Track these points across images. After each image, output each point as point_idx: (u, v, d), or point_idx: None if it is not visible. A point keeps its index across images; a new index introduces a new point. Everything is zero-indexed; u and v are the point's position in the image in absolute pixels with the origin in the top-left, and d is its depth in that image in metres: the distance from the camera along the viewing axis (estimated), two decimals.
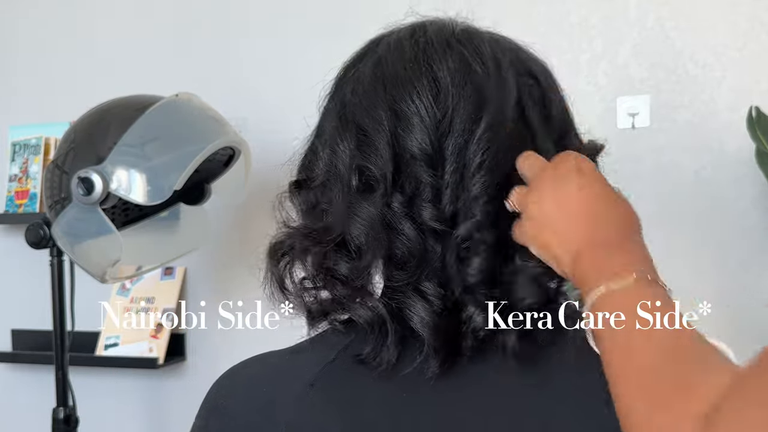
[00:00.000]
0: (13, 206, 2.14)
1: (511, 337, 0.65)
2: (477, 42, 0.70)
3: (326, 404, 0.66)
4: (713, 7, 1.69)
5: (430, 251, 0.66)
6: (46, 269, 1.75)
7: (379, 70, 0.70)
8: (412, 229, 0.65)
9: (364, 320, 0.66)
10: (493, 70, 0.68)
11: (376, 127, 0.67)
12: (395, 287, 0.66)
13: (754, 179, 1.64)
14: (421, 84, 0.67)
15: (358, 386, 0.66)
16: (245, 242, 2.01)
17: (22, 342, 2.24)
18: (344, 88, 0.72)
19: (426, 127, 0.66)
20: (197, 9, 2.10)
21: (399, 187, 0.66)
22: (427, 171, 0.66)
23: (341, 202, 0.68)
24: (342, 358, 0.68)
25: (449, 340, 0.65)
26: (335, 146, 0.69)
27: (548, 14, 1.80)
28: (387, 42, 0.72)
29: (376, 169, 0.66)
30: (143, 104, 1.50)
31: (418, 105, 0.67)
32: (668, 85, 1.71)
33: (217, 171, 1.69)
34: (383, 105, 0.68)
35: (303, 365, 0.68)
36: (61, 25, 2.23)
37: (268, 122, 1.95)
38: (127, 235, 1.62)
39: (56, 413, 1.74)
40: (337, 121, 0.70)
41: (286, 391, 0.67)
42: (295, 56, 1.98)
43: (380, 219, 0.66)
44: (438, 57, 0.69)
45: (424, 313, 0.65)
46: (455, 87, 0.67)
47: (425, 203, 0.66)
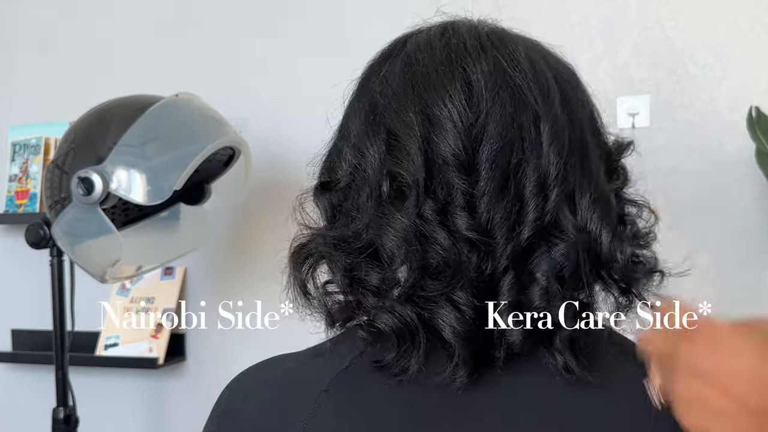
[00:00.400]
0: (13, 206, 2.14)
1: (559, 355, 0.64)
2: (511, 46, 0.68)
3: (343, 410, 0.65)
4: (713, 7, 1.69)
5: (465, 261, 0.63)
6: (46, 269, 1.75)
7: (409, 70, 0.68)
8: (446, 238, 0.63)
9: (392, 329, 0.64)
10: (531, 75, 0.67)
11: (408, 131, 0.65)
12: (427, 296, 0.64)
13: (754, 179, 1.64)
14: (454, 87, 0.66)
15: (378, 393, 0.65)
16: (245, 242, 2.01)
17: (22, 342, 2.24)
18: (371, 88, 0.70)
19: (459, 132, 0.64)
20: (197, 9, 2.09)
21: (432, 193, 0.64)
22: (460, 177, 0.64)
23: (371, 209, 0.66)
24: (360, 363, 0.66)
25: (480, 350, 0.64)
26: (364, 150, 0.67)
27: (548, 14, 1.80)
28: (416, 41, 0.70)
29: (408, 175, 0.64)
30: (143, 104, 1.50)
31: (450, 109, 0.65)
32: (668, 85, 1.71)
33: (217, 171, 1.70)
34: (414, 108, 0.66)
35: (322, 369, 0.67)
36: (61, 25, 2.23)
37: (268, 122, 1.95)
38: (127, 235, 1.62)
39: (56, 413, 1.74)
40: (366, 123, 0.68)
41: (304, 395, 0.66)
42: (295, 56, 1.97)
43: (414, 228, 0.64)
44: (471, 60, 0.67)
45: (456, 323, 0.63)
46: (489, 91, 0.65)
47: (460, 211, 0.64)
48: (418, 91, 0.66)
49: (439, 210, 0.64)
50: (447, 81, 0.66)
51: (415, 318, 0.64)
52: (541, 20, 1.79)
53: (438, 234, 0.63)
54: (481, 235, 0.63)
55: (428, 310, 0.64)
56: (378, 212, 0.65)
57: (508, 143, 0.64)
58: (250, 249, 1.98)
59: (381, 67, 0.71)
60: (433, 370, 0.64)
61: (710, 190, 1.69)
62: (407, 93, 0.67)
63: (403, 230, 0.64)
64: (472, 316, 0.63)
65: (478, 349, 0.63)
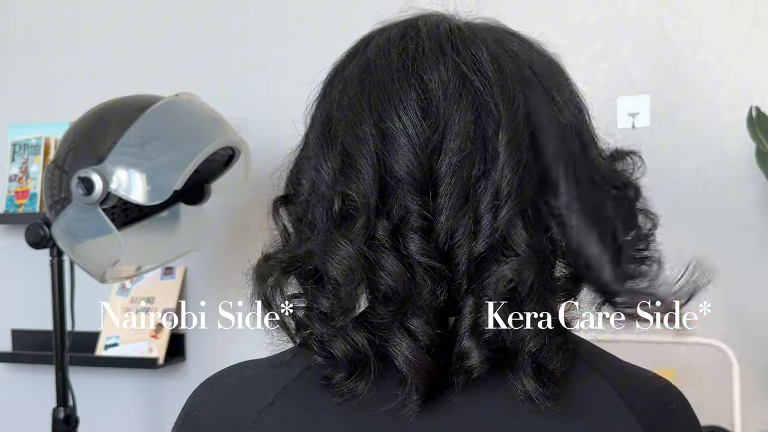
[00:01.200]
0: (13, 206, 2.14)
1: (522, 378, 0.60)
2: (474, 47, 0.63)
3: (284, 425, 0.63)
4: (713, 7, 1.69)
5: (421, 285, 0.59)
6: (46, 269, 1.75)
7: (366, 78, 0.64)
8: (395, 263, 0.59)
9: (344, 355, 0.61)
10: (496, 79, 0.62)
11: (360, 147, 0.61)
12: (379, 323, 0.60)
13: (754, 179, 1.64)
14: (409, 97, 0.61)
15: (323, 410, 0.62)
16: (245, 242, 2.01)
17: (22, 342, 2.24)
18: (331, 95, 0.66)
19: (414, 146, 0.60)
20: (197, 9, 2.09)
21: (385, 215, 0.60)
22: (414, 197, 0.60)
23: (322, 230, 0.62)
24: (309, 376, 0.64)
25: (436, 377, 0.60)
26: (319, 166, 0.64)
27: (548, 14, 1.80)
28: (377, 43, 0.66)
29: (358, 197, 0.60)
30: (143, 104, 1.50)
31: (405, 122, 0.61)
32: (668, 85, 1.71)
33: (217, 171, 1.70)
34: (368, 122, 0.62)
35: (273, 380, 0.65)
36: (62, 25, 2.23)
37: (268, 122, 1.95)
38: (127, 235, 1.62)
39: (56, 413, 1.74)
40: (322, 137, 0.65)
41: (252, 406, 0.64)
42: (296, 56, 1.97)
43: (359, 255, 0.59)
44: (429, 65, 0.62)
45: (408, 352, 0.59)
46: (447, 100, 0.61)
47: (412, 233, 0.60)
48: (373, 103, 0.62)
49: (391, 232, 0.60)
50: (402, 91, 0.62)
51: (366, 345, 0.60)
52: (542, 20, 1.79)
53: (386, 260, 0.59)
54: (434, 260, 0.59)
55: (380, 337, 0.61)
56: (325, 236, 0.62)
57: (468, 156, 0.60)
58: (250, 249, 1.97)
59: (343, 70, 0.67)
60: (385, 393, 0.61)
61: (710, 190, 1.69)
62: (362, 104, 0.63)
63: (347, 258, 0.60)
64: (428, 343, 0.60)
65: (434, 376, 0.60)
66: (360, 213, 0.60)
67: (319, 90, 0.69)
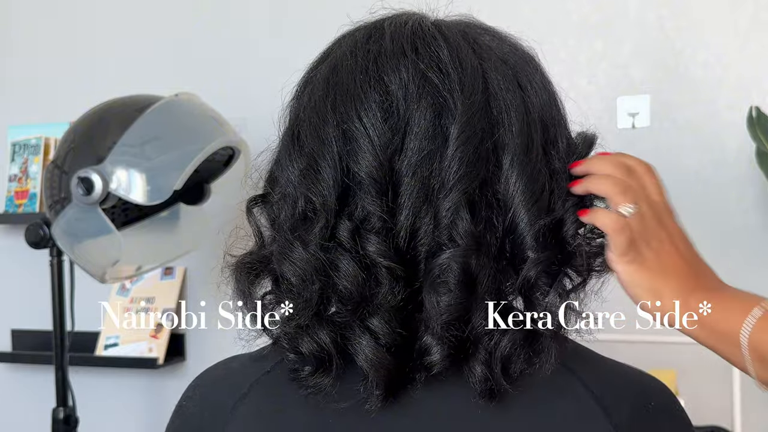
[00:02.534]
0: (13, 206, 2.14)
1: (477, 370, 0.61)
2: (436, 46, 0.64)
3: (255, 414, 0.65)
4: (713, 7, 1.69)
5: (376, 286, 0.60)
6: (46, 269, 1.75)
7: (331, 79, 0.65)
8: (351, 265, 0.60)
9: (310, 352, 0.63)
10: (455, 77, 0.62)
11: (322, 149, 0.62)
12: (341, 322, 0.62)
13: (754, 179, 1.64)
14: (371, 98, 0.62)
15: (288, 401, 0.65)
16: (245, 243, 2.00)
17: (22, 342, 2.24)
18: (302, 97, 0.68)
19: (375, 148, 0.61)
20: (197, 9, 2.10)
21: (347, 215, 0.61)
22: (374, 198, 0.60)
23: (285, 231, 0.64)
24: (282, 368, 0.66)
25: (396, 375, 0.61)
26: (286, 167, 0.65)
27: (548, 14, 1.80)
28: (346, 44, 0.68)
29: (317, 198, 0.61)
30: (143, 104, 1.50)
31: (366, 124, 0.61)
32: (668, 85, 1.71)
33: (217, 171, 1.70)
34: (331, 123, 0.63)
35: (251, 372, 0.68)
36: (61, 25, 2.23)
37: (268, 122, 1.95)
38: (127, 235, 1.62)
39: (56, 413, 1.74)
40: (288, 138, 0.67)
41: (230, 395, 0.66)
42: (296, 56, 1.97)
43: (313, 258, 0.61)
44: (390, 67, 0.63)
45: (369, 351, 0.60)
46: (408, 100, 0.62)
47: (371, 234, 0.60)
48: (337, 105, 0.63)
49: (351, 233, 0.61)
50: (363, 93, 0.63)
51: (329, 343, 0.62)
52: (542, 20, 1.79)
53: (341, 262, 0.61)
54: (391, 260, 0.60)
55: (342, 336, 0.62)
56: (282, 238, 0.63)
57: (428, 155, 0.61)
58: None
59: (313, 72, 0.69)
60: (349, 388, 0.62)
61: (710, 190, 1.69)
62: (326, 106, 0.64)
63: (300, 260, 0.61)
64: (388, 342, 0.61)
65: (394, 373, 0.61)
66: (319, 215, 0.61)
67: (293, 92, 0.71)
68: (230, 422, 0.65)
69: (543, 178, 0.63)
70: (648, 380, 0.66)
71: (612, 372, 0.66)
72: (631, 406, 0.63)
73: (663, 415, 0.65)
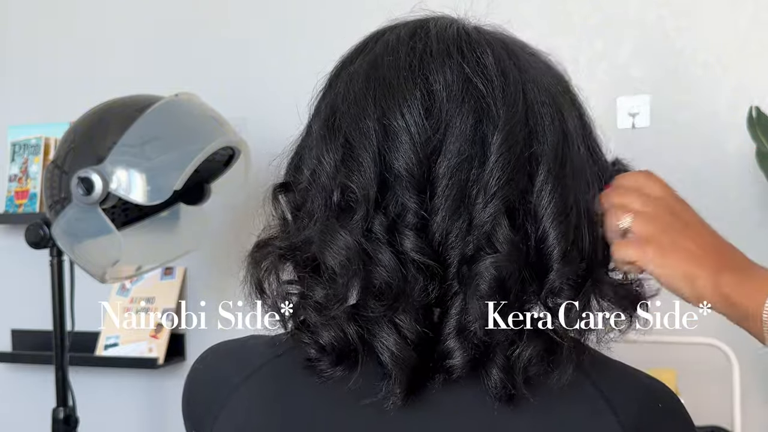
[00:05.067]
0: (13, 206, 2.14)
1: (494, 374, 0.61)
2: (480, 51, 0.65)
3: (259, 393, 0.66)
4: (713, 7, 1.69)
5: (411, 282, 0.61)
6: (46, 269, 1.75)
7: (372, 74, 0.65)
8: (391, 259, 0.61)
9: (332, 345, 0.62)
10: (498, 85, 0.63)
11: (363, 141, 0.63)
12: (370, 317, 0.62)
13: (754, 179, 1.64)
14: (414, 97, 0.63)
15: (298, 387, 0.66)
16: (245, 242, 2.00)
17: (22, 342, 2.24)
18: (337, 87, 0.68)
19: (415, 145, 0.62)
20: (197, 9, 2.09)
21: (382, 209, 0.62)
22: (412, 194, 0.61)
23: (320, 219, 0.63)
24: (293, 356, 0.66)
25: (418, 374, 0.62)
26: (321, 156, 0.65)
27: (548, 14, 1.80)
28: (386, 41, 0.67)
29: (359, 189, 0.62)
30: (143, 104, 1.50)
31: (408, 120, 0.62)
32: (668, 85, 1.71)
33: (217, 171, 1.70)
34: (372, 116, 0.63)
35: (265, 351, 0.69)
36: (61, 25, 2.23)
37: (268, 122, 1.95)
38: (127, 235, 1.62)
39: (56, 413, 1.74)
40: (325, 127, 0.66)
41: (242, 369, 0.68)
42: (296, 56, 1.97)
43: (357, 247, 0.61)
44: (435, 67, 0.64)
45: (395, 348, 0.61)
46: (450, 102, 0.62)
47: (408, 230, 0.61)
48: (378, 99, 0.64)
49: (387, 228, 0.61)
50: (407, 90, 0.63)
51: (356, 337, 0.62)
52: (541, 20, 1.79)
53: (383, 254, 0.61)
54: (428, 258, 0.61)
55: (369, 331, 0.62)
56: (324, 225, 0.63)
57: (467, 159, 0.62)
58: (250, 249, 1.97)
59: (351, 64, 0.68)
60: (368, 384, 0.62)
61: (710, 190, 1.69)
62: (367, 99, 0.64)
63: (345, 248, 0.61)
64: (414, 340, 0.61)
65: (417, 373, 0.62)
66: (359, 205, 0.62)
67: (325, 82, 0.71)
68: (233, 398, 0.66)
69: (573, 192, 0.64)
70: (655, 383, 0.68)
71: (621, 374, 0.67)
72: (638, 406, 0.64)
73: (669, 416, 0.66)
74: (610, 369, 0.67)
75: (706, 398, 1.59)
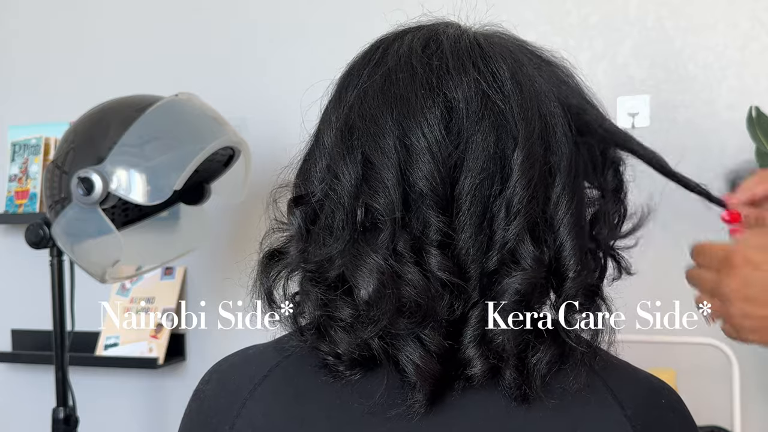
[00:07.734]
0: (13, 206, 2.14)
1: (508, 376, 0.63)
2: (495, 65, 0.65)
3: (273, 396, 0.66)
4: (713, 7, 1.69)
5: (437, 299, 0.62)
6: (46, 269, 1.75)
7: (388, 90, 0.65)
8: (421, 278, 0.61)
9: (349, 353, 0.63)
10: (515, 99, 0.64)
11: (384, 161, 0.63)
12: (395, 333, 0.63)
13: None
14: (434, 114, 0.63)
15: (311, 387, 0.66)
16: (245, 242, 2.01)
17: (22, 342, 2.24)
18: (349, 100, 0.67)
19: (437, 163, 0.62)
20: (197, 9, 2.09)
21: (407, 227, 0.62)
22: (436, 212, 0.62)
23: (345, 237, 0.64)
24: (300, 356, 0.67)
25: (440, 383, 0.63)
26: (339, 172, 0.65)
27: (548, 14, 1.80)
28: (398, 53, 0.67)
29: (385, 210, 0.62)
30: (143, 104, 1.50)
31: (429, 139, 0.62)
32: (668, 85, 1.71)
33: (217, 171, 1.70)
34: (392, 135, 0.63)
35: (269, 357, 0.69)
36: (61, 25, 2.23)
37: (268, 122, 1.95)
38: (127, 235, 1.62)
39: (56, 413, 1.74)
40: (341, 143, 0.65)
41: (248, 380, 0.68)
42: (296, 56, 1.97)
43: (389, 270, 0.61)
44: (453, 83, 0.64)
45: (420, 362, 0.62)
46: (470, 118, 0.63)
47: (433, 248, 0.62)
48: (397, 117, 0.64)
49: (412, 246, 0.62)
50: (427, 108, 0.63)
51: (380, 351, 0.63)
52: (541, 20, 1.79)
53: (412, 274, 0.61)
54: (453, 275, 0.61)
55: (394, 346, 0.63)
56: (350, 244, 0.63)
57: (489, 176, 0.63)
58: (250, 249, 1.97)
59: (360, 74, 0.68)
60: (390, 393, 0.63)
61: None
62: (385, 117, 0.64)
63: (378, 272, 0.61)
64: (438, 353, 0.62)
65: (439, 382, 0.63)
66: (385, 225, 0.62)
67: (333, 91, 0.70)
68: (248, 404, 0.66)
69: (584, 201, 0.67)
70: (659, 382, 0.70)
71: (626, 371, 0.69)
72: (643, 400, 0.66)
73: (671, 412, 0.68)
74: (616, 367, 0.69)
75: (706, 398, 1.59)
